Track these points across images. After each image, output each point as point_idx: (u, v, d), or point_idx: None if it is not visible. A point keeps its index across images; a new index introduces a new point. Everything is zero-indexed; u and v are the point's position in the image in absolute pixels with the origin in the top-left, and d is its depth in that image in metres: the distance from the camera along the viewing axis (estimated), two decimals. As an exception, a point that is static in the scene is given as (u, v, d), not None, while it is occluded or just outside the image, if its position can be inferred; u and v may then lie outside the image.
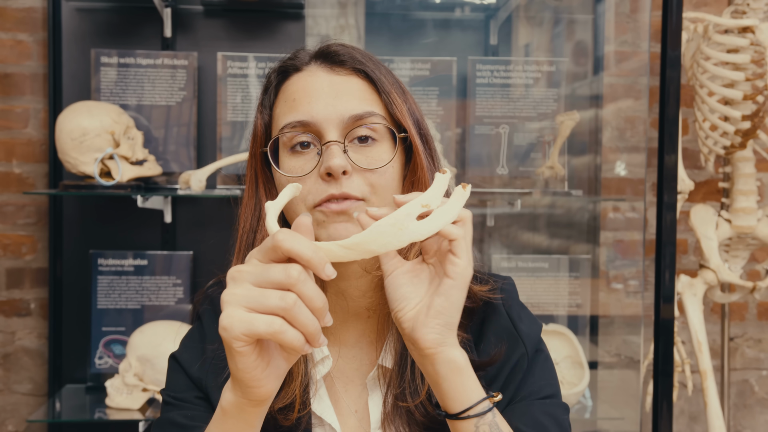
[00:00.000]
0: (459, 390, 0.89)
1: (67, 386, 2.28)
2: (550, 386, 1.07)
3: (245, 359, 0.77)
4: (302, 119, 1.00)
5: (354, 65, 1.04)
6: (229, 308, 0.75)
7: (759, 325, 2.70)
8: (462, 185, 0.83)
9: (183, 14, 2.33)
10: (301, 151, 1.01)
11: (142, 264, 2.26)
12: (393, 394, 1.03)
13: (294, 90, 1.04)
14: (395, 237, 0.77)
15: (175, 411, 1.04)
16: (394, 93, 1.04)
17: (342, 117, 0.99)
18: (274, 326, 0.74)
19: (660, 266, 1.99)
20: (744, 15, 2.23)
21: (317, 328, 0.75)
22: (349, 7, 2.45)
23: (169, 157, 2.27)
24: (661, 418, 1.99)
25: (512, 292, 1.12)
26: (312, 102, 1.01)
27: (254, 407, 0.83)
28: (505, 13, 2.48)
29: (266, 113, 1.08)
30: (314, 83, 1.02)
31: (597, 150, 2.51)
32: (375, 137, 1.01)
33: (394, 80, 1.06)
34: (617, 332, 2.54)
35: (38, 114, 2.38)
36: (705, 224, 2.31)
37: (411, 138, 1.04)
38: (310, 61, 1.06)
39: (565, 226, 2.53)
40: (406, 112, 1.04)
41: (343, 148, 0.99)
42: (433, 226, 0.80)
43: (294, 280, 0.74)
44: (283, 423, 1.02)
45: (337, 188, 0.97)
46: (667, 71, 1.97)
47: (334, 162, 0.96)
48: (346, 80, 1.03)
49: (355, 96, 1.02)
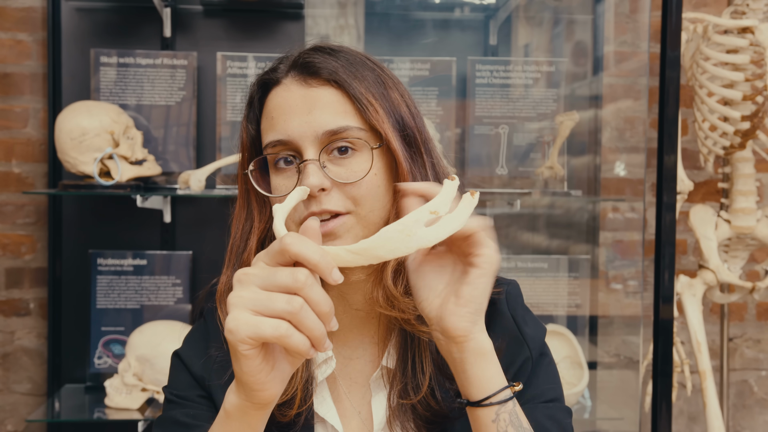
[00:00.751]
0: (484, 376, 0.90)
1: (66, 386, 2.28)
2: (554, 390, 1.07)
3: (250, 362, 0.77)
4: (280, 138, 0.99)
5: (327, 75, 1.01)
6: (235, 311, 0.75)
7: (758, 325, 2.70)
8: (470, 192, 0.84)
9: (182, 14, 2.33)
10: (284, 167, 1.01)
11: (141, 264, 2.26)
12: (396, 391, 1.03)
13: (272, 107, 1.03)
14: (403, 243, 0.78)
15: (178, 409, 1.04)
16: (370, 97, 1.01)
17: (316, 133, 0.98)
18: (280, 330, 0.73)
19: (659, 266, 1.99)
20: (743, 15, 2.23)
21: (323, 332, 0.75)
22: (349, 7, 2.45)
23: (168, 156, 2.27)
24: (660, 418, 1.99)
25: (517, 296, 1.12)
26: (287, 120, 0.99)
27: (257, 410, 0.83)
28: (504, 13, 2.48)
29: (252, 127, 1.07)
30: (288, 99, 1.01)
31: (596, 150, 2.51)
32: (354, 147, 0.99)
33: (373, 80, 1.03)
34: (616, 332, 2.54)
35: (38, 114, 2.38)
36: (704, 224, 2.31)
37: (389, 144, 1.00)
38: (288, 73, 1.03)
39: (564, 227, 2.53)
40: (384, 116, 1.01)
41: (320, 164, 0.97)
42: (441, 233, 0.80)
43: (301, 284, 0.74)
44: (281, 419, 1.02)
45: (317, 205, 0.96)
46: (666, 72, 1.97)
47: (309, 181, 0.95)
48: (320, 93, 1.00)
49: (329, 109, 0.99)
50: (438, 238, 0.80)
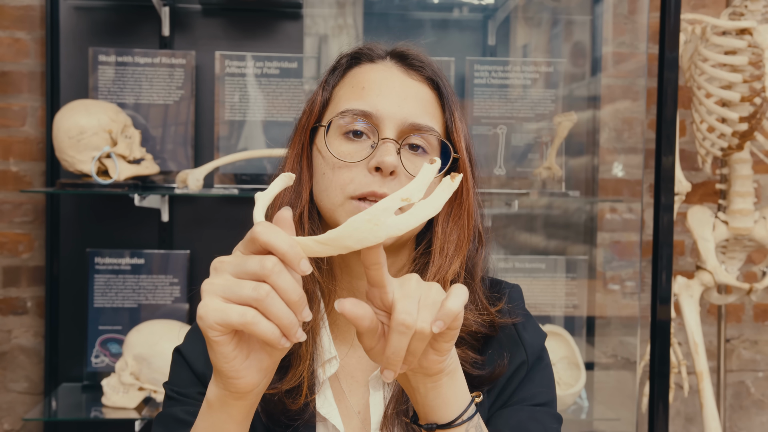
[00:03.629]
0: (453, 397, 0.87)
1: (63, 385, 2.28)
2: (545, 394, 1.06)
3: (222, 349, 0.77)
4: (366, 110, 1.00)
5: (428, 74, 1.05)
6: (206, 297, 0.75)
7: (755, 326, 2.70)
8: (451, 175, 0.79)
9: (181, 13, 2.33)
10: (353, 138, 1.01)
11: (139, 263, 2.26)
12: (395, 401, 1.02)
13: (365, 78, 1.04)
14: (371, 233, 0.75)
15: (178, 406, 1.04)
16: (456, 114, 1.06)
17: (404, 120, 1.00)
18: (246, 317, 0.73)
19: (657, 267, 1.99)
20: (742, 17, 2.23)
21: (292, 321, 0.74)
22: (348, 7, 2.45)
23: (166, 155, 2.27)
24: (657, 419, 1.99)
25: (519, 301, 1.13)
26: (381, 96, 1.01)
27: (237, 400, 0.83)
28: (503, 13, 2.48)
29: (328, 91, 1.08)
30: (387, 78, 1.03)
31: (594, 151, 2.51)
32: (427, 149, 1.02)
33: (457, 101, 1.08)
34: (614, 333, 2.54)
35: (36, 112, 2.37)
36: (702, 226, 2.31)
37: (461, 162, 1.04)
38: (386, 57, 1.07)
39: (562, 227, 2.54)
40: (462, 134, 1.05)
41: (398, 148, 0.99)
42: (412, 221, 0.76)
43: (268, 272, 0.73)
44: (291, 407, 1.01)
45: (380, 186, 0.97)
46: (664, 73, 1.97)
47: (388, 159, 0.96)
48: (418, 86, 1.04)
49: (422, 105, 1.03)
50: (408, 227, 0.76)
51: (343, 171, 1.00)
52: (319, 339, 1.05)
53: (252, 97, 2.26)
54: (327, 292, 1.06)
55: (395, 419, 1.02)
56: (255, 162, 2.25)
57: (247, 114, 2.26)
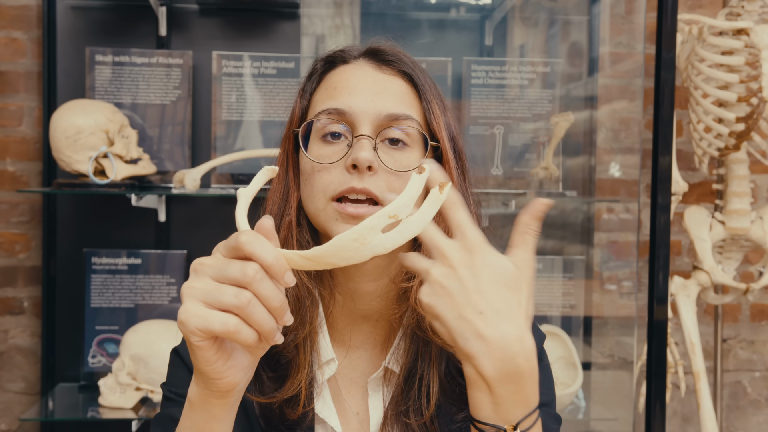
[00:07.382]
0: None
1: (60, 385, 2.27)
2: (545, 395, 1.05)
3: (204, 353, 0.77)
4: (339, 107, 1.00)
5: (401, 67, 1.05)
6: (187, 302, 0.75)
7: (752, 326, 2.70)
8: (439, 185, 0.76)
9: (178, 13, 2.33)
10: (331, 141, 1.01)
11: (135, 263, 2.26)
12: (395, 403, 1.02)
13: (337, 80, 1.04)
14: (356, 252, 0.75)
15: (176, 407, 1.03)
16: (434, 103, 1.05)
17: (378, 114, 1.00)
18: (228, 326, 0.73)
19: (654, 267, 1.99)
20: (738, 17, 2.24)
21: (273, 327, 0.75)
22: (345, 6, 2.45)
23: (163, 155, 2.27)
24: (653, 419, 1.99)
25: None
26: (352, 94, 1.01)
27: (218, 399, 0.83)
28: (500, 13, 2.48)
29: (306, 98, 1.08)
30: (358, 76, 1.03)
31: (591, 151, 2.51)
32: (407, 142, 1.01)
33: (437, 92, 1.07)
34: (611, 333, 2.54)
35: (32, 112, 2.37)
36: (699, 226, 2.31)
37: (443, 150, 1.03)
38: (359, 57, 1.07)
39: (559, 227, 2.54)
40: (443, 124, 1.04)
41: (374, 144, 0.99)
42: (398, 239, 0.75)
43: (250, 279, 0.73)
44: (290, 416, 1.01)
45: (359, 182, 0.96)
46: (661, 73, 1.97)
47: (362, 155, 0.95)
48: (390, 80, 1.04)
49: (396, 97, 1.02)
50: (394, 245, 0.75)
51: (323, 174, 1.00)
52: (317, 342, 1.05)
53: (249, 97, 2.26)
54: (325, 295, 1.06)
55: (395, 420, 1.02)
56: (252, 162, 2.25)
57: (244, 114, 2.26)
